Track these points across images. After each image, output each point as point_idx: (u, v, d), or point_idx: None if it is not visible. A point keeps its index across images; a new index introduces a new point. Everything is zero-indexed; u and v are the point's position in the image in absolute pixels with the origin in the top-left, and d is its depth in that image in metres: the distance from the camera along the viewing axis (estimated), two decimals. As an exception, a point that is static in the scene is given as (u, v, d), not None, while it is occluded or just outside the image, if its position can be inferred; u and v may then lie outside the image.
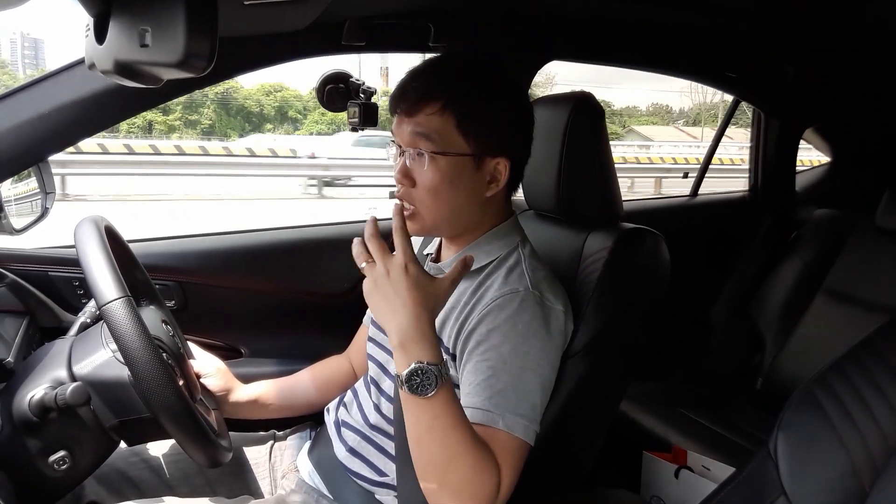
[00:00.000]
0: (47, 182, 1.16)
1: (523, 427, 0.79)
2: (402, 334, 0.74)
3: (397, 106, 0.89)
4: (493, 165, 0.89)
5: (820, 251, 1.84)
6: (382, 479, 0.96)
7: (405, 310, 0.74)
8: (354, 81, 1.36)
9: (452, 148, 0.86)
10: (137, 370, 0.78)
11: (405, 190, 0.88)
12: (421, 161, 0.86)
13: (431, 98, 0.85)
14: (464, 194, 0.89)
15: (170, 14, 0.49)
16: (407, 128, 0.87)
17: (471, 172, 0.88)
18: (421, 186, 0.87)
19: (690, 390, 1.85)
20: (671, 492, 1.45)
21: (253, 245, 1.53)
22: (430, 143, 0.85)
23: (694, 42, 1.73)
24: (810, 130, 2.25)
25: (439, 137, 0.85)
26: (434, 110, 0.85)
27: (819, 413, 0.69)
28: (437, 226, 0.92)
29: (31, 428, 0.83)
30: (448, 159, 0.86)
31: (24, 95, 1.08)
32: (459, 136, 0.86)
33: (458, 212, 0.90)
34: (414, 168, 0.87)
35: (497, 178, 0.90)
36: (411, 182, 0.88)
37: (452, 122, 0.85)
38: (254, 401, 1.14)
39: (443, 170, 0.86)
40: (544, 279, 0.90)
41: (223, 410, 1.11)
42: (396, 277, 0.75)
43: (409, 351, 0.74)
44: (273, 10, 1.03)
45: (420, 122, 0.86)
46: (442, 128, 0.85)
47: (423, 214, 0.89)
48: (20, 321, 1.11)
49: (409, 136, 0.87)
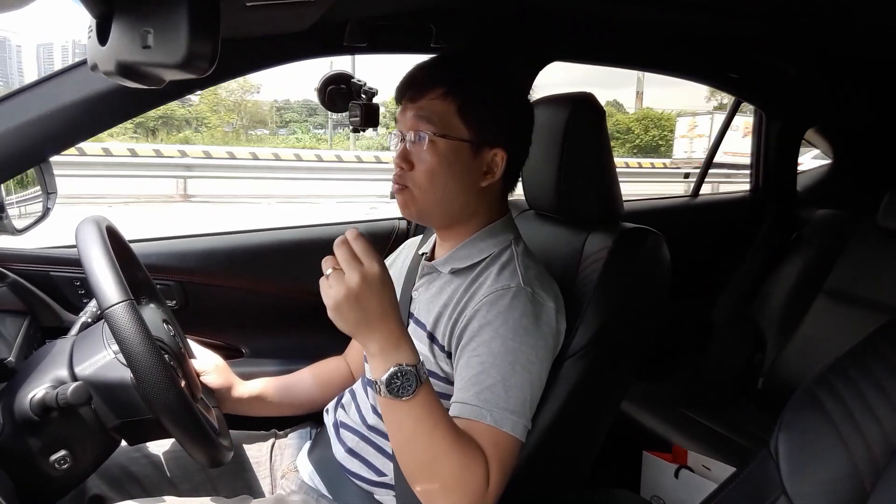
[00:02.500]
0: (49, 182, 1.16)
1: (512, 423, 0.79)
2: (384, 343, 0.73)
3: (404, 93, 0.92)
4: (490, 156, 0.91)
5: (821, 251, 1.84)
6: (381, 479, 0.96)
7: (384, 320, 0.73)
8: (356, 82, 1.37)
9: (452, 132, 0.88)
10: (140, 373, 0.78)
11: (402, 173, 0.91)
12: (420, 144, 0.89)
13: (435, 84, 0.88)
14: (459, 180, 0.90)
15: (172, 15, 0.50)
16: (410, 113, 0.90)
17: (468, 159, 0.90)
18: (418, 169, 0.89)
19: (691, 390, 1.85)
20: (671, 492, 1.45)
21: (254, 245, 1.53)
22: (430, 125, 0.88)
23: (695, 43, 1.74)
24: (812, 131, 2.25)
25: (440, 121, 0.88)
26: (437, 95, 0.88)
27: (820, 413, 0.69)
28: (430, 210, 0.93)
29: (32, 427, 0.84)
30: (447, 143, 0.88)
31: (27, 96, 1.08)
32: (460, 122, 0.88)
33: (452, 198, 0.92)
34: (413, 151, 0.90)
35: (493, 170, 0.92)
36: (410, 165, 0.90)
37: (454, 107, 0.88)
38: (255, 397, 1.14)
39: (441, 153, 0.88)
40: (536, 276, 0.90)
41: (224, 407, 1.11)
42: (374, 288, 0.72)
43: (390, 356, 0.73)
44: (275, 11, 1.04)
45: (423, 105, 0.89)
46: (443, 112, 0.88)
47: (417, 197, 0.91)
48: (21, 321, 1.11)
49: (411, 120, 0.90)
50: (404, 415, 0.75)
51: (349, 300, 0.71)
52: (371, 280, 0.72)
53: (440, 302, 0.92)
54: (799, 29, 1.62)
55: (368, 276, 0.72)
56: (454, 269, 0.94)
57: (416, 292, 0.99)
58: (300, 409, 1.20)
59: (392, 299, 0.74)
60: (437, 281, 0.96)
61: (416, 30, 1.35)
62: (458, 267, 0.94)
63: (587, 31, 1.57)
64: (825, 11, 1.39)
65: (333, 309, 0.73)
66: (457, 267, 0.94)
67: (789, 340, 1.79)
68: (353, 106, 1.38)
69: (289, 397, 1.18)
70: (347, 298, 0.71)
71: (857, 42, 1.69)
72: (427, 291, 0.97)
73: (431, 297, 0.95)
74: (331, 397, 1.14)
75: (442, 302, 0.92)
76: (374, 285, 0.72)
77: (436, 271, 0.97)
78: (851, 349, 0.72)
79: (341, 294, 0.71)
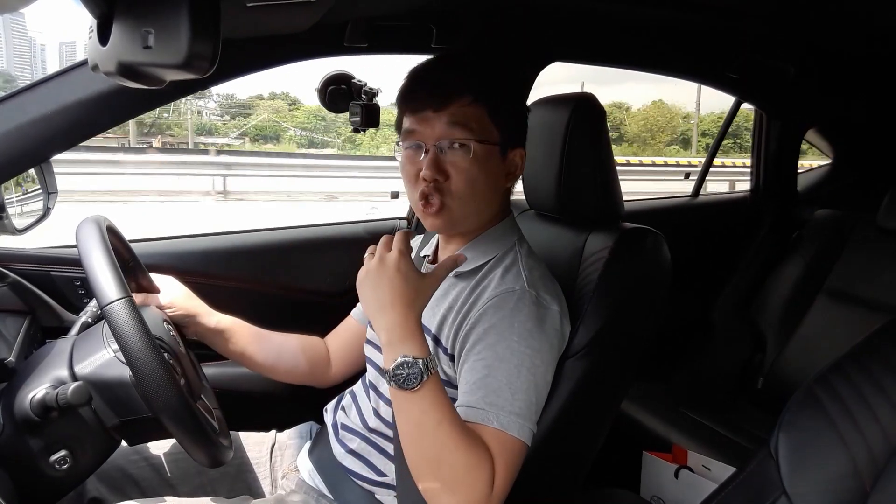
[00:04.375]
0: (49, 182, 1.17)
1: (518, 426, 0.79)
2: (391, 332, 0.77)
3: (425, 104, 0.88)
4: (513, 156, 0.93)
5: (821, 251, 1.84)
6: (382, 478, 0.96)
7: (393, 309, 0.77)
8: (356, 83, 1.37)
9: (489, 137, 0.89)
10: (139, 371, 0.78)
11: (436, 185, 0.88)
12: (456, 152, 0.87)
13: (462, 91, 0.87)
14: (492, 184, 0.91)
15: (173, 16, 0.50)
16: (439, 122, 0.87)
17: (498, 162, 0.91)
18: (456, 178, 0.88)
19: (691, 390, 1.85)
20: (671, 492, 1.45)
21: (254, 245, 1.53)
22: (468, 131, 0.87)
23: (696, 43, 1.74)
24: (812, 131, 2.25)
25: (477, 126, 0.88)
26: (467, 102, 0.87)
27: (820, 413, 0.69)
28: (466, 218, 0.92)
29: (32, 427, 0.84)
30: (484, 148, 0.88)
31: (28, 96, 1.08)
32: (492, 126, 0.89)
33: (488, 203, 0.93)
34: (448, 160, 0.88)
35: (514, 170, 0.94)
36: (445, 176, 0.88)
37: (485, 111, 0.88)
38: (220, 331, 1.08)
39: (479, 158, 0.88)
40: (540, 279, 0.90)
41: (186, 333, 1.07)
42: (388, 273, 0.78)
43: (396, 347, 0.76)
44: (276, 11, 1.03)
45: (454, 112, 0.87)
46: (478, 117, 0.88)
47: (454, 207, 0.89)
48: (22, 321, 1.11)
49: (442, 128, 0.87)
50: (410, 406, 0.76)
51: (367, 279, 0.80)
52: (388, 266, 0.78)
53: (444, 305, 0.92)
54: (799, 29, 1.62)
55: (386, 262, 0.79)
56: (458, 273, 0.94)
57: None
58: (273, 372, 1.14)
59: (406, 290, 0.78)
60: (441, 284, 0.96)
61: (416, 30, 1.35)
62: (463, 270, 0.93)
63: (587, 32, 1.57)
64: (825, 11, 1.39)
65: (358, 283, 0.82)
66: (461, 270, 0.93)
67: (789, 340, 1.79)
68: (354, 106, 1.38)
69: (263, 351, 1.12)
70: (367, 276, 0.80)
71: (857, 42, 1.69)
72: None
73: (436, 301, 0.94)
74: (317, 375, 1.15)
75: (446, 305, 0.92)
76: (388, 271, 0.78)
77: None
78: (851, 349, 0.72)
79: (363, 272, 0.81)
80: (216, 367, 1.38)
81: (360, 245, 0.89)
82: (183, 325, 1.07)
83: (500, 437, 0.78)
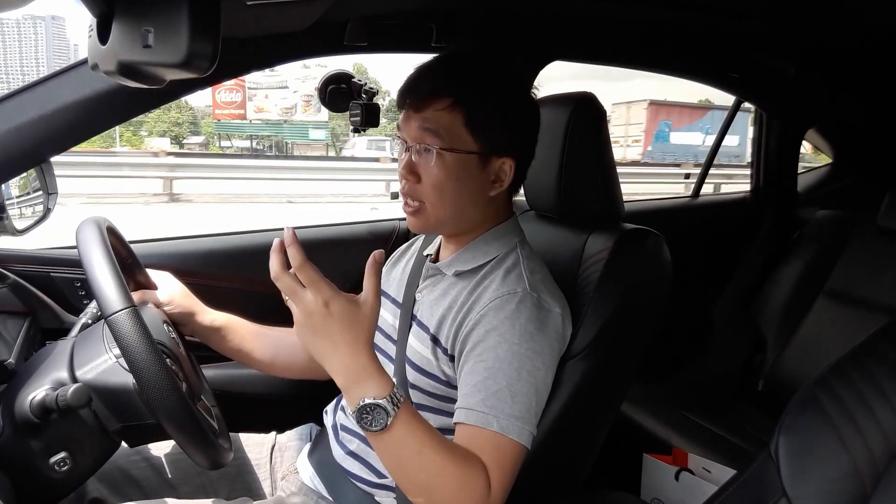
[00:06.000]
0: (49, 183, 1.16)
1: (518, 429, 0.79)
2: (345, 376, 0.72)
3: (406, 100, 0.88)
4: (498, 165, 0.89)
5: (822, 252, 1.84)
6: (382, 480, 0.96)
7: (338, 353, 0.71)
8: (356, 82, 1.37)
9: (460, 145, 0.86)
10: (143, 380, 0.78)
11: (410, 185, 0.88)
12: (427, 157, 0.86)
13: (441, 94, 0.85)
14: (468, 193, 0.89)
15: (173, 15, 0.49)
16: (414, 123, 0.87)
17: (476, 171, 0.88)
18: (426, 183, 0.87)
19: (691, 392, 1.85)
20: (672, 494, 1.45)
21: (254, 245, 1.53)
22: (437, 138, 0.85)
23: (696, 43, 1.74)
24: (812, 130, 2.25)
25: (447, 134, 0.85)
26: (443, 106, 0.85)
27: (821, 415, 0.68)
28: (442, 223, 0.92)
29: (32, 429, 0.83)
30: (454, 156, 0.86)
31: (27, 96, 1.08)
32: (467, 134, 0.86)
33: (462, 210, 0.90)
34: (419, 163, 0.87)
35: (501, 179, 0.90)
36: (416, 178, 0.88)
37: (461, 119, 0.85)
38: (217, 328, 1.07)
39: (449, 166, 0.86)
40: (542, 281, 0.90)
41: (184, 330, 1.06)
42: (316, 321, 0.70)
43: (353, 392, 0.71)
44: (276, 10, 1.03)
45: (428, 117, 0.86)
46: (450, 124, 0.85)
47: (429, 210, 0.89)
48: (22, 322, 1.11)
49: (416, 131, 0.87)
50: (385, 444, 0.73)
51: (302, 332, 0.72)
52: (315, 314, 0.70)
53: (444, 304, 0.92)
54: (799, 29, 1.62)
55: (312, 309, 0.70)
56: (458, 272, 0.93)
57: (420, 294, 0.98)
58: (272, 367, 1.12)
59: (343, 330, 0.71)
60: (441, 283, 0.96)
61: (416, 29, 1.35)
62: (463, 269, 0.93)
63: (587, 31, 1.57)
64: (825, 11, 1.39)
65: (297, 331, 0.73)
66: (461, 269, 0.93)
67: (789, 341, 1.79)
68: (354, 105, 1.38)
69: (261, 346, 1.10)
70: (299, 329, 0.72)
71: (857, 42, 1.69)
72: (431, 293, 0.96)
73: (435, 300, 0.94)
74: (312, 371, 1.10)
75: (446, 304, 0.91)
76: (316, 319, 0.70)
77: (440, 273, 0.96)
78: (852, 350, 0.71)
79: (295, 325, 0.72)
80: (216, 369, 1.38)
81: (361, 245, 0.89)
82: (181, 324, 1.06)
83: (499, 440, 0.78)
